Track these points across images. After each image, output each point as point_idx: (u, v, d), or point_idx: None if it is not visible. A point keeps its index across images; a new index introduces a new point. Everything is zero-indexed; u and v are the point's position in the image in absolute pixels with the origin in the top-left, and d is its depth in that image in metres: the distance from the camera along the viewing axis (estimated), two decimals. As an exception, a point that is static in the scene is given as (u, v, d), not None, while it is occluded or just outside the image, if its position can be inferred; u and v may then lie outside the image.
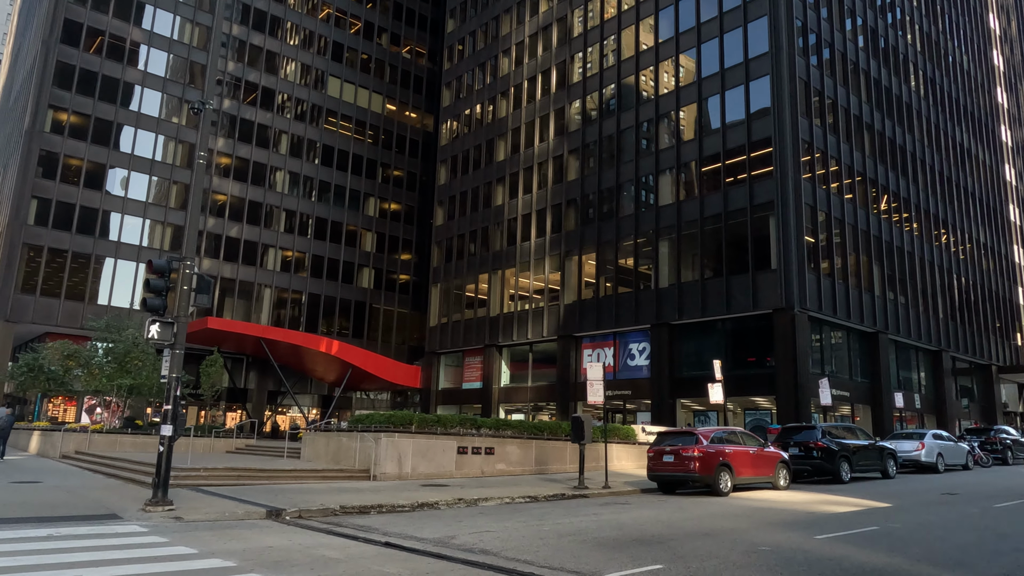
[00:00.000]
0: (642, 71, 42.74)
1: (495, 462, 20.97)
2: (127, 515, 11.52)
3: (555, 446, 22.75)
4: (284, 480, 17.76)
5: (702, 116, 38.93)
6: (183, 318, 12.52)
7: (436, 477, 19.63)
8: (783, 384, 33.12)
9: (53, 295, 45.97)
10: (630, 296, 40.40)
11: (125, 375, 26.92)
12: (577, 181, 44.98)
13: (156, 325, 12.19)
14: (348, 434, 20.38)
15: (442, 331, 53.09)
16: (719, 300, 36.03)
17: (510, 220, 49.30)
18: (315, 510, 12.78)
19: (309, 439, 22.10)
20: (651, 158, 40.89)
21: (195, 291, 12.64)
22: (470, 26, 57.40)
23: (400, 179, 65.25)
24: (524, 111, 50.19)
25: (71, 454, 24.15)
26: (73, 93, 48.56)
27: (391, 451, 18.83)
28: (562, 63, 48.13)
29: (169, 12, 53.88)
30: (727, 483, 16.98)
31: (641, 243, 40.61)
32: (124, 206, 49.76)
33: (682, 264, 38.40)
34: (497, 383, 48.15)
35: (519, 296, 47.47)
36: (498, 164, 51.39)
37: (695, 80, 39.62)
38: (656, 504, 15.09)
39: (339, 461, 20.18)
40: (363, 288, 61.37)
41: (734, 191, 36.46)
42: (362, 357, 49.34)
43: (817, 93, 37.66)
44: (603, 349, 42.22)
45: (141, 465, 19.07)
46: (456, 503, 14.68)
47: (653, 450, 17.75)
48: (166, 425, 12.09)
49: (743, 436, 18.39)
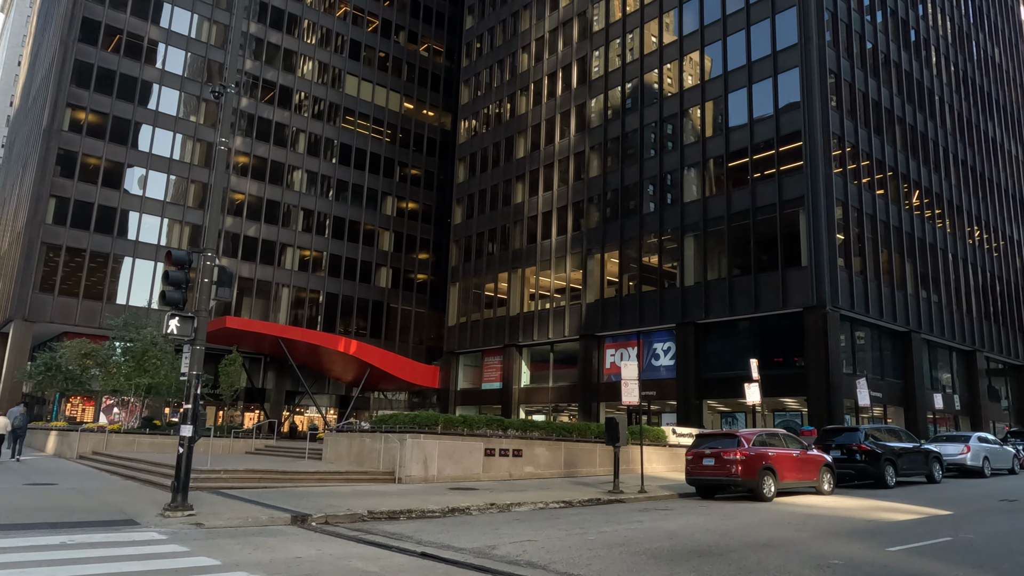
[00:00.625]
0: (665, 65, 41.85)
1: (523, 464, 20.23)
2: (145, 521, 10.89)
3: (584, 448, 21.97)
4: (307, 482, 17.11)
5: (728, 110, 37.98)
6: (204, 312, 11.88)
7: (463, 480, 18.91)
8: (814, 385, 32.12)
9: (71, 294, 45.76)
10: (654, 295, 39.52)
11: (143, 374, 26.43)
12: (599, 178, 44.15)
13: (176, 320, 11.56)
14: (372, 435, 19.71)
15: (461, 331, 52.43)
16: (747, 298, 35.08)
17: (530, 218, 48.55)
18: (342, 515, 12.09)
19: (331, 440, 21.46)
20: (675, 154, 39.99)
21: (216, 284, 12.00)
22: (488, 22, 56.73)
23: (417, 178, 64.68)
24: (544, 107, 49.42)
25: (88, 455, 23.67)
26: (91, 92, 48.37)
27: (416, 453, 18.14)
28: (582, 58, 47.32)
29: (187, 10, 53.63)
30: (770, 488, 16.13)
31: (666, 240, 39.72)
32: (142, 205, 49.52)
33: (708, 262, 37.47)
34: (517, 383, 47.39)
35: (539, 295, 46.70)
36: (517, 161, 50.66)
37: (720, 74, 38.68)
38: (699, 510, 14.28)
39: (362, 463, 19.52)
40: (380, 287, 60.83)
41: (762, 187, 35.50)
42: (380, 357, 48.76)
43: (847, 86, 36.63)
44: (626, 349, 41.36)
45: (159, 467, 18.50)
46: (488, 508, 13.95)
47: (692, 453, 16.93)
48: (186, 426, 11.46)
49: (785, 439, 17.52)
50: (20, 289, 44.39)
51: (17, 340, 44.12)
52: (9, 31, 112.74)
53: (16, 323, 44.20)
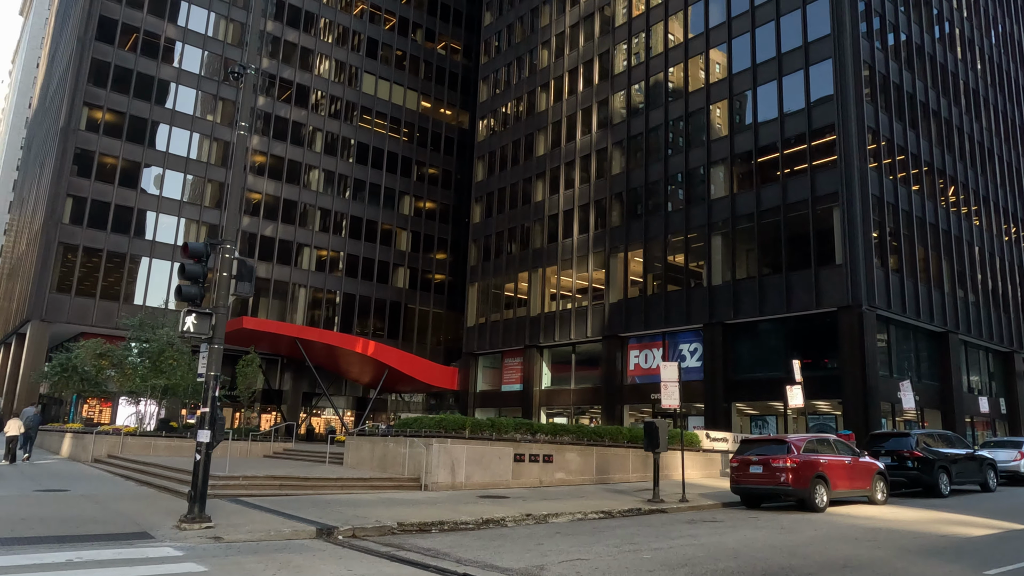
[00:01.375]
0: (691, 58, 40.77)
1: (554, 471, 19.28)
2: (159, 534, 10.05)
3: (616, 453, 20.99)
4: (329, 489, 16.26)
5: (757, 104, 36.85)
6: (222, 309, 11.05)
7: (491, 487, 17.99)
8: (850, 387, 30.92)
9: (88, 295, 45.36)
10: (680, 294, 38.44)
11: (159, 375, 25.75)
12: (622, 175, 43.13)
13: (192, 316, 10.73)
14: (395, 439, 18.84)
15: (480, 331, 51.55)
16: (778, 298, 33.93)
17: (551, 216, 47.59)
18: (370, 528, 11.21)
19: (353, 444, 20.62)
20: (702, 149, 38.90)
21: (235, 278, 11.17)
22: (507, 19, 55.87)
23: (435, 177, 63.93)
24: (565, 104, 48.47)
25: (103, 458, 23.00)
26: (108, 90, 48.01)
27: (443, 458, 17.25)
28: (605, 53, 46.33)
29: (204, 9, 53.20)
30: (823, 497, 15.09)
31: (692, 238, 38.62)
32: (159, 204, 49.08)
33: (737, 260, 36.35)
34: (538, 385, 46.43)
35: (561, 295, 45.72)
36: (538, 159, 49.73)
37: (749, 66, 37.55)
38: (751, 522, 13.26)
39: (386, 468, 18.66)
40: (398, 288, 60.11)
41: (793, 182, 34.34)
42: (398, 358, 48.06)
43: (882, 78, 35.40)
44: (651, 350, 40.30)
45: (175, 472, 17.73)
46: (524, 519, 13.02)
47: (737, 460, 15.91)
48: (203, 430, 10.62)
49: (836, 444, 16.45)
50: (37, 289, 44.04)
51: (34, 341, 43.79)
52: (28, 34, 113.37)
53: (33, 324, 43.86)
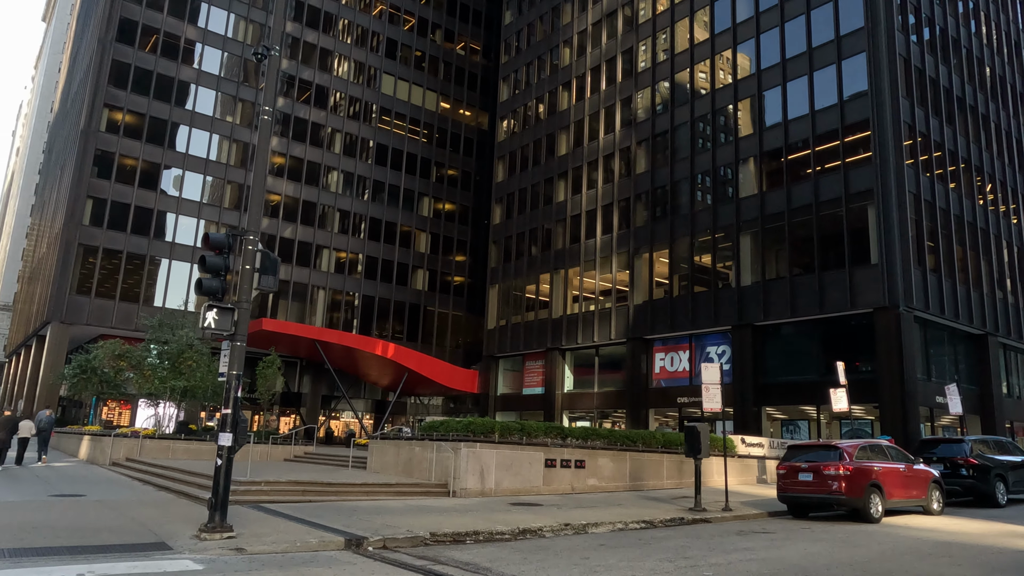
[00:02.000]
0: (718, 54, 39.85)
1: (586, 476, 18.46)
2: (178, 544, 9.37)
3: (651, 459, 20.14)
4: (354, 495, 15.56)
5: (786, 100, 35.85)
6: (245, 304, 10.38)
7: (522, 493, 17.22)
8: (887, 391, 29.83)
9: (108, 296, 45.15)
10: (707, 295, 37.49)
11: (179, 377, 25.22)
12: (646, 174, 42.25)
13: (214, 312, 10.07)
14: (421, 443, 18.11)
15: (501, 334, 50.80)
16: (811, 299, 32.89)
17: (573, 217, 46.78)
18: (401, 538, 10.47)
19: (377, 448, 19.92)
20: (729, 147, 37.96)
21: (259, 272, 10.50)
22: (528, 17, 55.22)
23: (454, 178, 63.35)
24: (587, 103, 47.68)
25: (121, 461, 22.48)
26: (128, 92, 47.87)
27: (472, 463, 16.49)
28: (628, 50, 45.51)
29: (223, 9, 53.01)
30: (878, 507, 14.16)
31: (719, 238, 37.66)
32: (179, 206, 48.84)
33: (766, 260, 35.35)
34: (560, 388, 45.59)
35: (583, 297, 44.88)
36: (559, 159, 48.96)
37: (778, 62, 36.58)
38: (806, 534, 12.38)
39: (412, 473, 17.94)
40: (417, 290, 59.54)
41: (826, 180, 33.32)
42: (418, 361, 47.42)
43: (917, 72, 34.30)
44: (677, 353, 39.35)
45: (195, 476, 17.12)
46: (563, 529, 12.23)
47: (785, 467, 15.02)
48: (224, 433, 9.94)
49: (889, 451, 15.50)
50: (57, 291, 43.88)
51: (54, 343, 43.60)
52: (50, 39, 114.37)
53: (53, 325, 43.68)
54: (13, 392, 62.65)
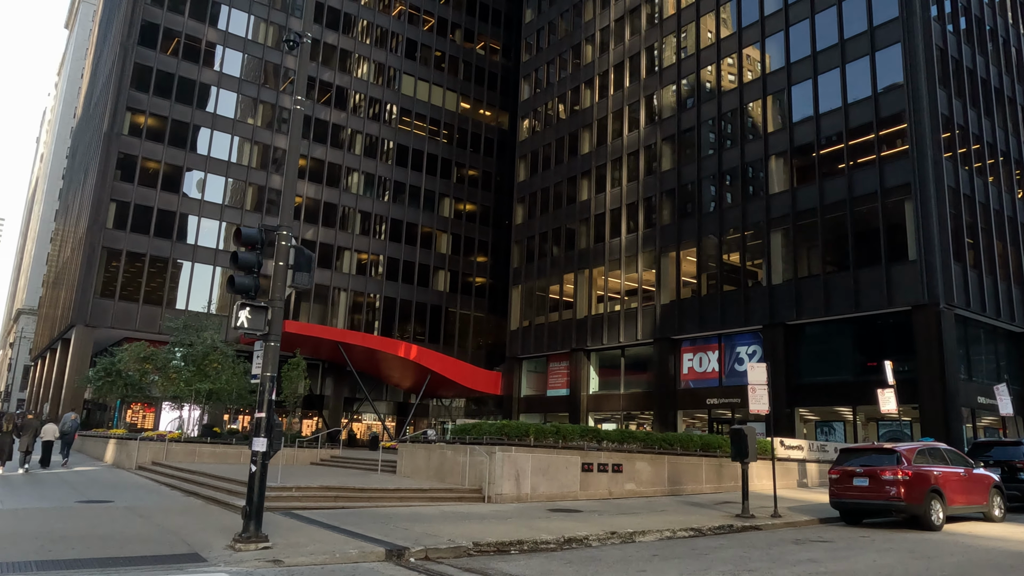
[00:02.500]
0: (745, 48, 39.04)
1: (624, 481, 17.84)
2: (212, 555, 8.89)
3: (689, 462, 19.46)
4: (388, 501, 15.05)
5: (818, 93, 34.96)
6: (278, 302, 9.90)
7: (558, 498, 16.63)
8: (927, 391, 28.89)
9: (131, 300, 45.15)
10: (737, 294, 36.68)
11: (204, 379, 24.90)
12: (672, 171, 41.51)
13: (246, 311, 9.59)
14: (453, 447, 17.58)
15: (524, 335, 50.22)
16: (845, 297, 32.00)
17: (597, 216, 46.12)
18: (444, 549, 9.93)
19: (406, 452, 19.41)
20: (758, 143, 37.13)
21: (292, 268, 10.02)
22: (549, 15, 54.64)
23: (475, 179, 62.91)
24: (610, 100, 47.00)
25: (148, 465, 22.18)
26: (150, 95, 47.90)
27: (508, 468, 15.93)
28: (652, 47, 44.79)
29: (244, 12, 52.95)
30: (939, 514, 13.42)
31: (749, 236, 36.84)
32: (201, 208, 48.78)
33: (798, 258, 34.49)
34: (585, 390, 44.91)
35: (608, 297, 44.19)
36: (582, 157, 48.32)
37: (808, 55, 35.72)
38: (868, 543, 11.68)
39: (444, 478, 17.41)
40: (438, 291, 59.13)
41: (860, 174, 32.43)
42: (441, 362, 46.97)
43: (954, 62, 33.31)
44: (706, 353, 38.56)
45: (223, 481, 16.71)
46: (609, 538, 11.63)
47: (838, 471, 14.30)
48: (258, 438, 9.45)
49: (948, 454, 14.74)
50: (81, 294, 43.93)
51: (79, 346, 43.66)
52: (73, 46, 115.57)
53: (77, 328, 43.73)
54: (39, 395, 63.05)
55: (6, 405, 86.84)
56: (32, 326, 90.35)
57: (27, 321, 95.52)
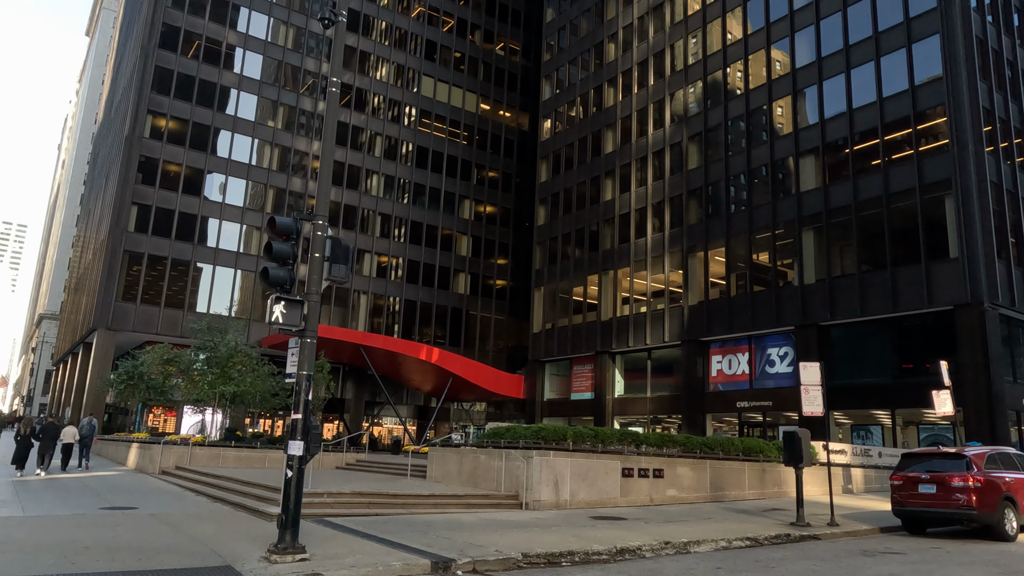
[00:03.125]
0: (774, 43, 38.15)
1: (665, 487, 17.06)
2: (246, 568, 8.26)
3: (731, 467, 18.64)
4: (423, 508, 14.39)
5: (851, 88, 33.99)
6: (315, 296, 9.28)
7: (598, 505, 15.88)
8: (971, 394, 27.79)
9: (153, 303, 44.94)
10: (768, 295, 35.75)
11: (227, 382, 24.42)
12: (699, 170, 40.66)
13: (281, 305, 8.98)
14: (487, 451, 16.89)
15: (547, 337, 49.47)
16: (882, 296, 30.99)
17: (621, 216, 45.33)
18: (492, 560, 9.24)
19: (437, 456, 18.75)
20: (788, 140, 36.21)
21: (329, 260, 9.40)
22: (570, 14, 53.99)
23: (495, 180, 62.32)
24: (635, 98, 46.23)
25: (171, 469, 21.70)
26: (171, 98, 47.76)
27: (546, 473, 15.22)
28: (677, 43, 43.99)
29: (264, 14, 52.77)
30: (1013, 524, 12.55)
31: (779, 235, 35.91)
32: (222, 211, 48.54)
33: (832, 257, 33.51)
34: (611, 393, 44.08)
35: (634, 298, 43.36)
36: (606, 157, 47.56)
37: (841, 48, 34.78)
38: (942, 555, 10.85)
39: (477, 483, 16.73)
40: (459, 294, 58.55)
41: (897, 170, 31.43)
42: (463, 365, 46.29)
43: (995, 54, 32.26)
44: (735, 355, 37.62)
45: (250, 486, 16.13)
46: (663, 548, 10.88)
47: (901, 477, 13.46)
48: (295, 442, 8.82)
49: (1018, 459, 13.85)
50: (103, 298, 43.77)
51: (100, 349, 43.49)
52: (94, 52, 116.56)
53: (99, 332, 43.58)
54: (61, 399, 63.19)
55: (28, 410, 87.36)
56: (54, 331, 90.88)
57: (49, 326, 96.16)
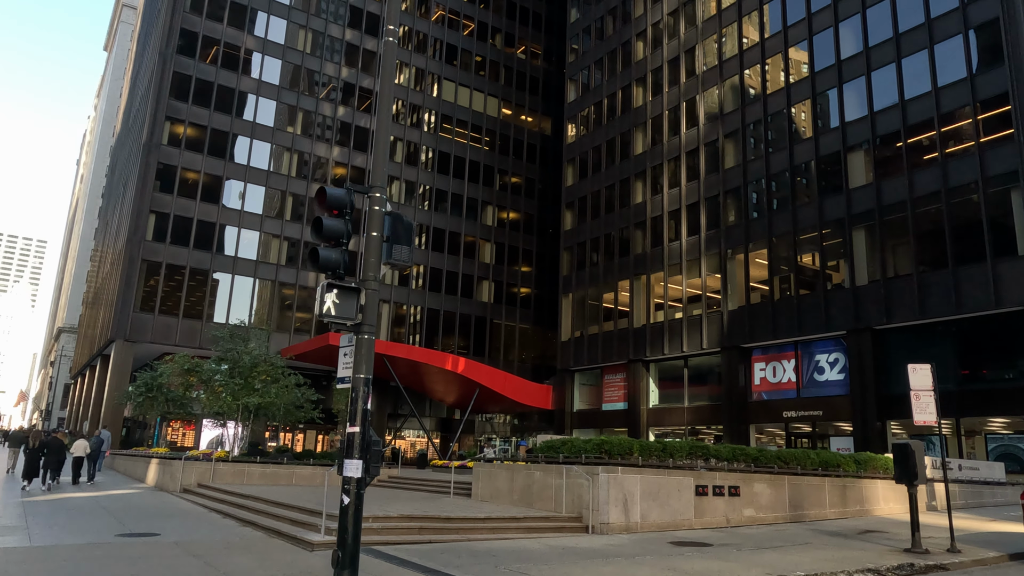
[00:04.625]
0: (816, 34, 36.43)
1: (741, 506, 15.28)
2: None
3: (810, 483, 16.80)
4: (480, 533, 12.70)
5: (902, 78, 32.19)
6: (373, 282, 7.68)
7: (671, 528, 14.13)
8: (1047, 401, 25.79)
9: (171, 314, 43.67)
10: (815, 298, 33.85)
11: (251, 392, 22.84)
12: (737, 168, 38.91)
13: (334, 293, 7.37)
14: (542, 467, 15.20)
15: (576, 346, 47.70)
16: (943, 297, 29.05)
17: (653, 218, 43.60)
18: (591, 604, 7.55)
19: (484, 472, 17.05)
20: (835, 134, 34.41)
21: (389, 241, 7.80)
22: (596, 13, 52.54)
23: (518, 186, 60.81)
24: (665, 97, 44.61)
25: (193, 487, 20.16)
26: (189, 104, 46.69)
27: (614, 492, 13.49)
28: (711, 38, 42.35)
29: (282, 19, 51.73)
30: None
31: (827, 234, 34.05)
32: (241, 219, 47.30)
33: (886, 256, 31.60)
34: (645, 403, 42.21)
35: (669, 304, 41.56)
36: (636, 158, 45.91)
37: (890, 37, 33.00)
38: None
39: (531, 503, 15.04)
40: (482, 302, 56.94)
41: (956, 163, 29.56)
42: (490, 376, 44.59)
43: (1058, 38, 30.33)
44: (780, 362, 35.70)
45: (282, 507, 14.53)
46: (779, 584, 9.14)
47: (1037, 496, 11.65)
48: (351, 460, 7.19)
49: None
50: (121, 309, 42.55)
51: (118, 361, 42.20)
52: (112, 66, 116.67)
53: (117, 344, 42.31)
54: (79, 413, 62.06)
55: (47, 424, 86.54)
56: (72, 344, 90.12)
57: (67, 339, 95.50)
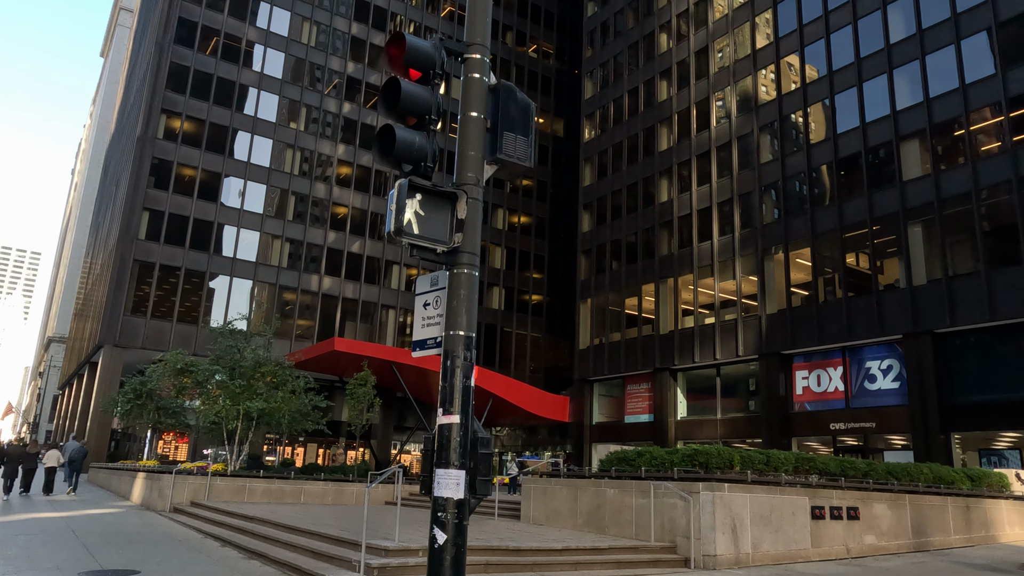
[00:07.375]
0: (861, 18, 33.99)
1: (861, 532, 12.41)
2: None
3: (931, 504, 13.96)
4: (557, 568, 9.80)
5: (962, 62, 29.67)
6: (476, 188, 4.88)
7: (786, 560, 11.25)
8: None
9: (165, 318, 40.78)
10: (865, 300, 31.12)
11: (254, 396, 19.86)
12: (774, 163, 36.31)
13: (417, 199, 4.55)
14: (618, 483, 12.33)
15: (595, 354, 44.82)
16: (1014, 297, 26.34)
17: (680, 218, 40.93)
18: None
19: (538, 490, 14.14)
20: (885, 124, 31.83)
21: (496, 128, 5.00)
22: (615, 6, 50.15)
23: (529, 189, 58.30)
24: (692, 90, 42.08)
25: (185, 506, 17.21)
26: (187, 97, 44.11)
27: (720, 515, 10.61)
28: (743, 26, 39.93)
29: (286, 10, 49.29)
30: None
31: (877, 231, 31.37)
32: (240, 218, 44.53)
33: (947, 254, 28.93)
34: (672, 415, 39.28)
35: (698, 309, 38.78)
36: (660, 155, 43.32)
37: (948, 16, 30.55)
38: None
39: (604, 528, 12.16)
40: (493, 309, 54.22)
41: (1027, 150, 26.97)
42: (504, 386, 41.61)
43: None
44: (825, 370, 32.87)
45: (296, 532, 11.62)
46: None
47: None
48: (449, 469, 4.36)
49: None
50: (111, 312, 39.65)
51: (106, 369, 39.23)
52: (107, 71, 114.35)
53: (106, 349, 39.38)
54: (65, 425, 58.83)
55: (33, 436, 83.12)
56: (61, 355, 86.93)
57: (57, 349, 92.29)
